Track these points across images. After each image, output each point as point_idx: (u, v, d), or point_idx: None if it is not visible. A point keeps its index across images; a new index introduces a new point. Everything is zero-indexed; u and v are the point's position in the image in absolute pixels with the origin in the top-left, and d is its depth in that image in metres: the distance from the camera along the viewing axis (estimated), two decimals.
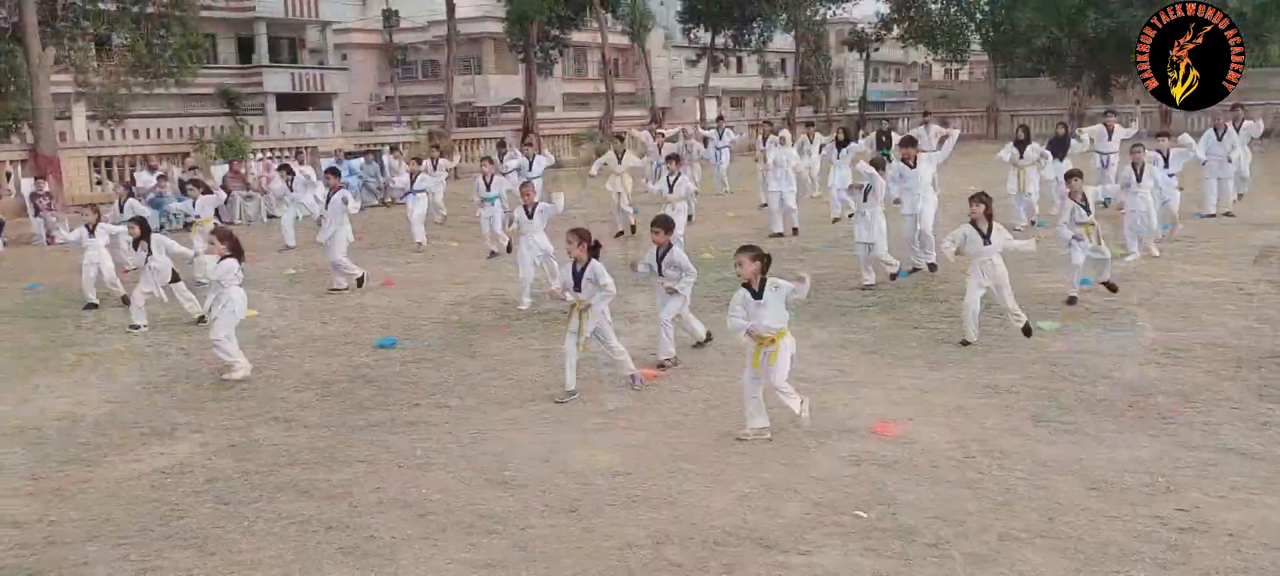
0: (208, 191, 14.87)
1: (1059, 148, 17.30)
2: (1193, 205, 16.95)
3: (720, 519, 5.68)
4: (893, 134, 20.74)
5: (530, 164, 18.20)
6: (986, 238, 9.15)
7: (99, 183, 23.91)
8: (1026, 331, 9.29)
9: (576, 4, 37.71)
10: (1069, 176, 11.15)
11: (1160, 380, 8.04)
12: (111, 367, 9.45)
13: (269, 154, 26.55)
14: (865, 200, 11.64)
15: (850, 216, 17.51)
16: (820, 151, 21.83)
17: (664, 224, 8.88)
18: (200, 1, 25.81)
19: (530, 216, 11.64)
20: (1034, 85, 48.81)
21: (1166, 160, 13.87)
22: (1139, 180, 13.01)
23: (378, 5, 59.37)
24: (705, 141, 25.48)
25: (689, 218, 18.44)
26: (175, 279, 11.19)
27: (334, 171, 13.85)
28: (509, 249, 14.76)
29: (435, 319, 11.17)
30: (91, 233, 12.11)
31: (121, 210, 14.53)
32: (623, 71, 63.34)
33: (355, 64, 59.95)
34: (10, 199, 21.64)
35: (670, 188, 14.72)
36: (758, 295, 6.89)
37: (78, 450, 7.10)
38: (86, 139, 37.28)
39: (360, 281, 12.88)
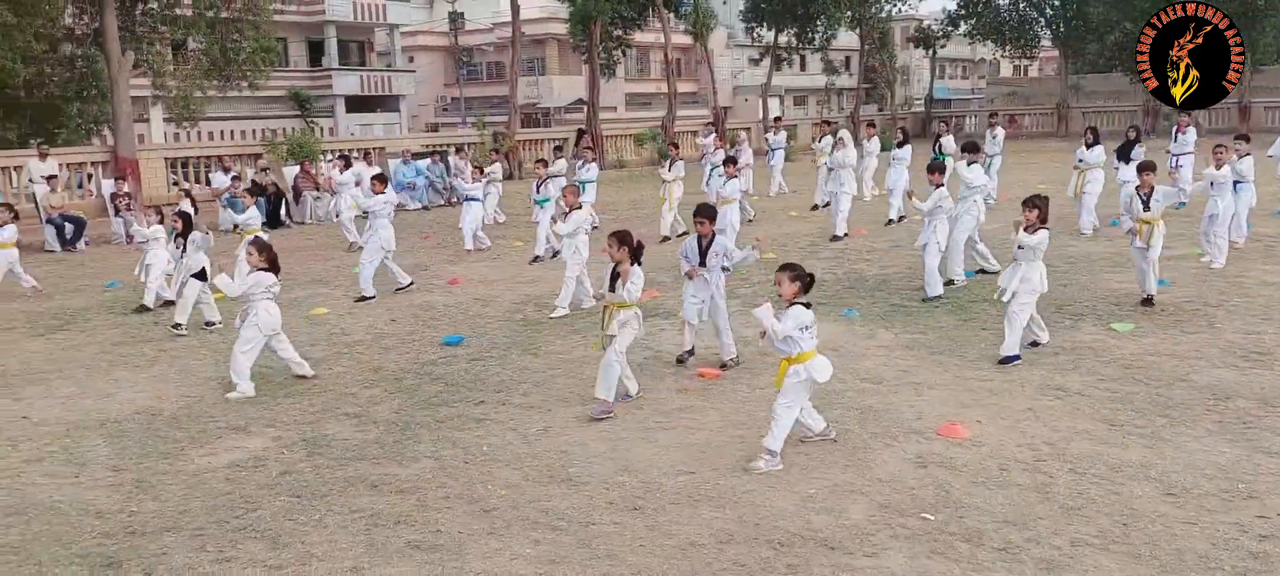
0: (261, 192, 14.95)
1: (1126, 151, 16.89)
2: (1273, 204, 16.44)
3: (784, 519, 5.66)
4: (948, 137, 20.41)
5: (580, 166, 18.20)
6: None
7: (175, 183, 24.61)
8: (1003, 361, 8.58)
9: (639, 4, 37.74)
10: (1142, 168, 10.79)
11: (1239, 383, 7.81)
12: (188, 363, 9.70)
13: (339, 155, 27.08)
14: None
15: (888, 222, 17.27)
16: (880, 150, 21.62)
17: (707, 213, 8.75)
18: (272, 5, 26.36)
19: (565, 219, 11.57)
20: (1107, 81, 47.66)
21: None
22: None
23: (444, 8, 60.23)
24: (770, 150, 25.18)
25: (750, 220, 18.37)
26: (201, 277, 11.09)
27: (381, 178, 13.43)
28: (536, 259, 14.82)
29: (500, 317, 11.28)
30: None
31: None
32: (685, 71, 63.31)
33: (422, 66, 60.87)
34: (92, 199, 22.37)
35: (722, 190, 14.52)
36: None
37: (156, 443, 7.32)
38: (163, 141, 38.43)
39: (363, 298, 12.35)
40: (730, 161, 15.39)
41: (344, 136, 40.77)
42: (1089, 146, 15.89)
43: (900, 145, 18.57)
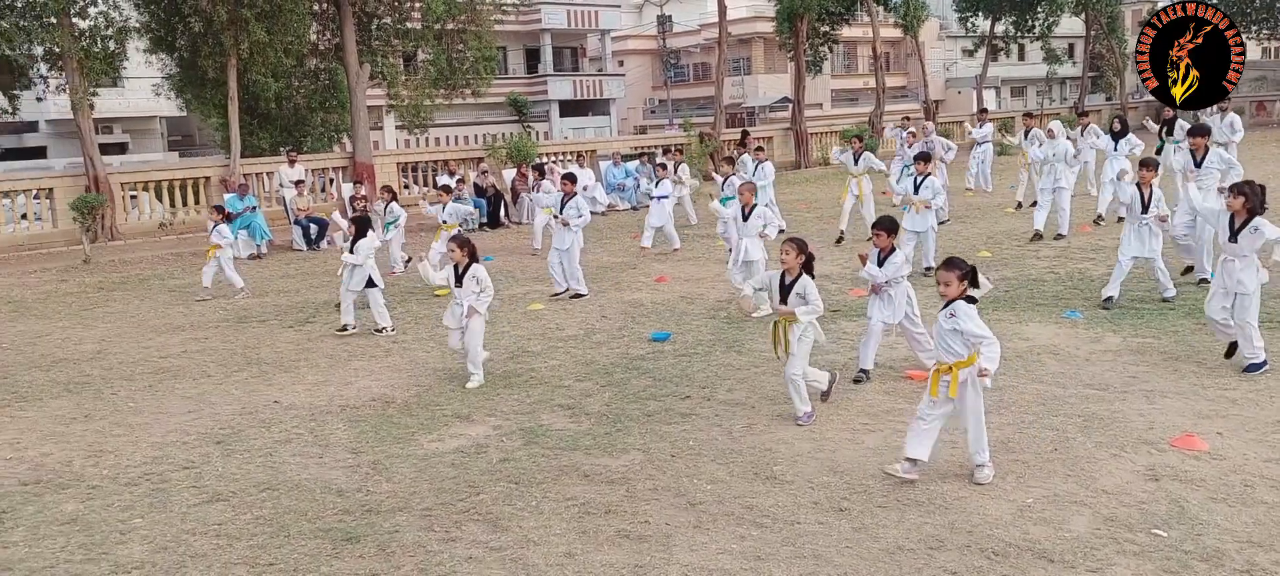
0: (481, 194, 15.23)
1: None
2: None
3: (999, 528, 5.46)
4: (1178, 122, 18.77)
5: (755, 167, 17.93)
6: (1233, 235, 7.95)
7: (406, 186, 26.28)
8: (1248, 369, 7.87)
9: None
10: None
11: None
12: (417, 355, 10.37)
13: (552, 157, 28.13)
14: (1144, 211, 10.45)
15: (1119, 220, 16.00)
16: (1099, 142, 20.19)
17: (885, 225, 8.26)
18: (493, 17, 27.67)
19: (745, 219, 11.38)
20: None
21: None
22: None
23: (652, 11, 61.34)
24: (976, 145, 23.99)
25: (942, 222, 17.51)
26: (371, 284, 11.40)
27: (570, 177, 13.72)
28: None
29: (704, 315, 11.41)
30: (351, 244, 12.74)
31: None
32: (893, 65, 61.63)
33: (630, 69, 62.22)
34: (333, 202, 24.24)
35: (916, 189, 12.85)
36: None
37: (390, 429, 7.88)
38: (396, 146, 41.13)
39: (577, 295, 12.74)
40: (922, 158, 13.64)
41: (558, 140, 42.30)
42: None
43: (1117, 136, 17.30)
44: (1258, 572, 4.82)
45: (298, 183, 21.54)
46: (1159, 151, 17.32)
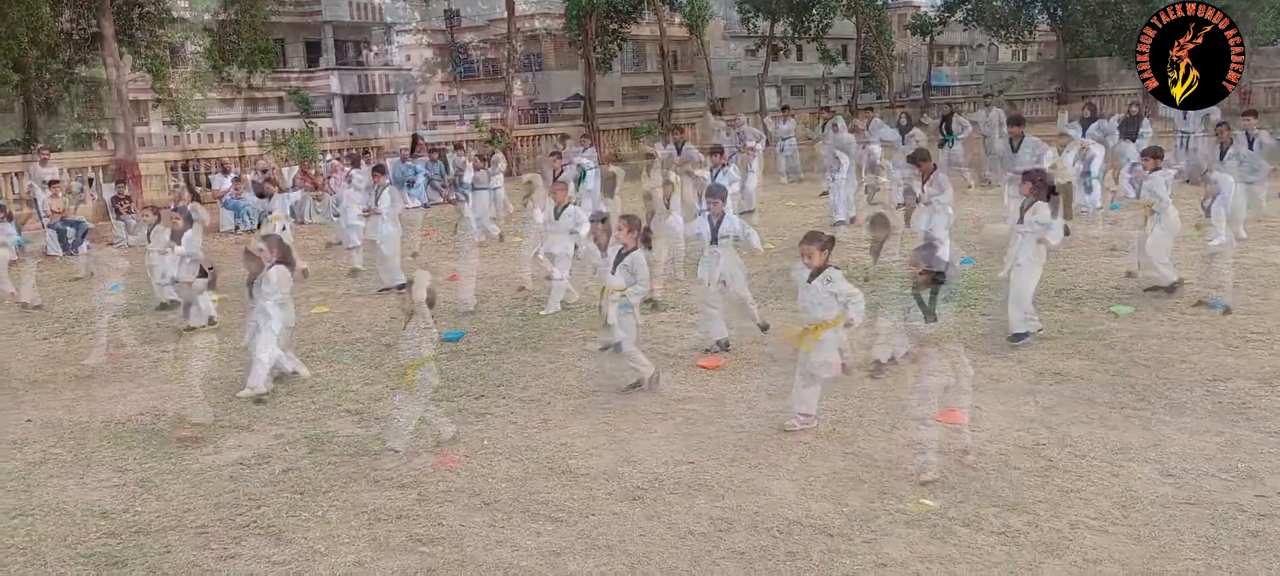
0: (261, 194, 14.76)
1: (1131, 127, 16.87)
2: None
3: (783, 507, 5.69)
4: (957, 119, 20.29)
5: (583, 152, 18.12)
6: (1021, 216, 8.75)
7: (176, 186, 24.59)
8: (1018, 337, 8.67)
9: None
10: (1145, 154, 10.60)
11: (1239, 365, 7.82)
12: (190, 364, 9.68)
13: (337, 154, 27.07)
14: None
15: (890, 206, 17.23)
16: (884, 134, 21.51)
17: (718, 193, 8.89)
18: (268, 7, 26.35)
19: (557, 217, 11.47)
20: (1105, 66, 47.59)
21: (1251, 142, 13.39)
22: (1222, 159, 12.62)
23: (440, 6, 60.17)
24: (781, 139, 25.07)
25: (745, 211, 18.25)
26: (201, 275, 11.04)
27: (380, 169, 13.40)
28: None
29: (499, 312, 11.30)
30: (148, 236, 12.17)
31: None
32: (681, 64, 63.25)
33: (418, 64, 60.86)
34: (93, 203, 22.38)
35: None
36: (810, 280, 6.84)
37: (160, 443, 7.35)
38: (164, 144, 38.47)
39: (400, 288, 12.58)
40: (717, 151, 14.93)
41: (343, 136, 40.82)
42: (1086, 123, 15.92)
43: (903, 130, 18.52)
44: (1011, 533, 5.24)
45: (51, 183, 19.70)
46: (942, 146, 18.68)
